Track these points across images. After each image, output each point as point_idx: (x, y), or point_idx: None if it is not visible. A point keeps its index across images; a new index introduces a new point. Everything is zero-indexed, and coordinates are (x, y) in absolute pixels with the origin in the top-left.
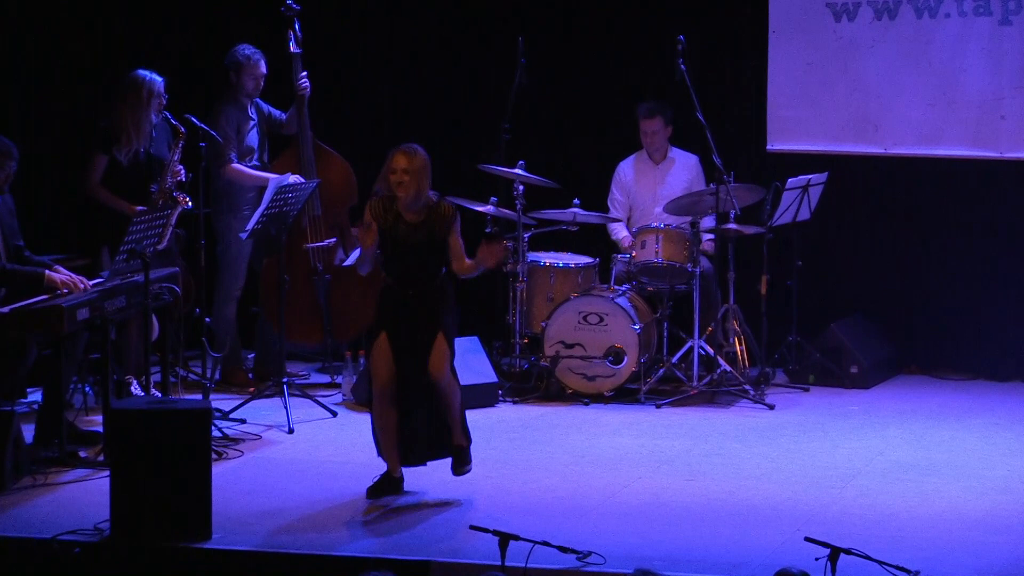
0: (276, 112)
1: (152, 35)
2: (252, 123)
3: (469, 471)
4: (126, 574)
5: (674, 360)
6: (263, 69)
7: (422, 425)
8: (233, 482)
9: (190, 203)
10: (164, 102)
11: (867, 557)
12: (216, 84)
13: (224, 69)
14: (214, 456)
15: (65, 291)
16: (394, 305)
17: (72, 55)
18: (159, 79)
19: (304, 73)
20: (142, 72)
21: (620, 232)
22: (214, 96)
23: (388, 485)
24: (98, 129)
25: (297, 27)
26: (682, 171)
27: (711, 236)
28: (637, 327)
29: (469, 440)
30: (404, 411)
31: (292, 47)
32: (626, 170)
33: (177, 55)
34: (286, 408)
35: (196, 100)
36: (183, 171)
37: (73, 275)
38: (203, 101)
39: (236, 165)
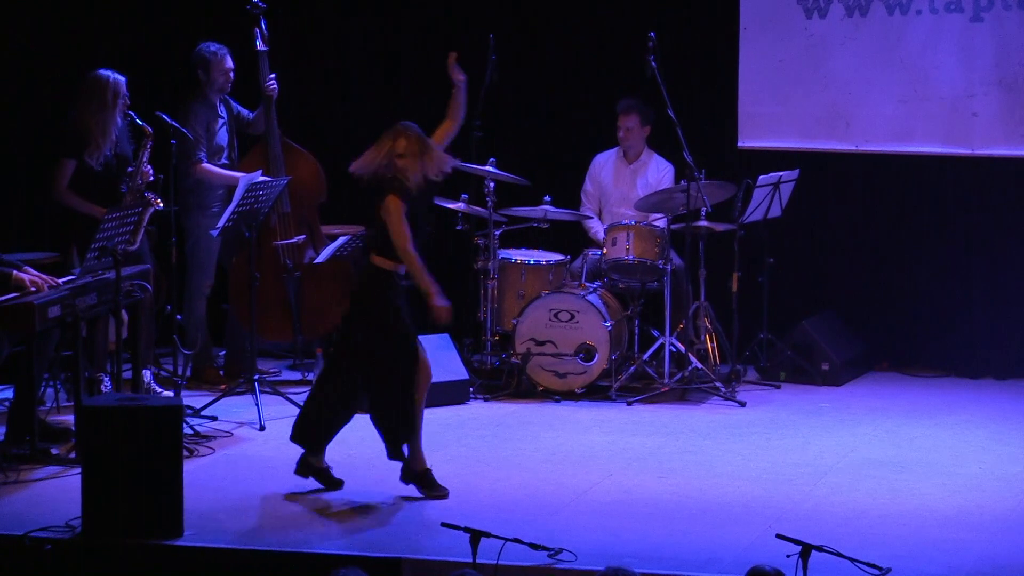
0: (244, 111)
1: (117, 33)
2: (222, 121)
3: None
4: (98, 571)
5: (645, 357)
6: (230, 63)
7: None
8: (204, 479)
9: (161, 204)
10: (128, 102)
11: (838, 554)
12: (182, 82)
13: (190, 67)
14: (185, 453)
15: (33, 290)
16: (401, 295)
17: (34, 54)
18: (122, 78)
19: (272, 75)
20: (104, 72)
21: (600, 234)
22: (180, 94)
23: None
24: (63, 132)
25: (264, 25)
26: (653, 175)
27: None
28: (608, 324)
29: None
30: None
31: (259, 45)
32: (601, 163)
33: (143, 53)
34: (257, 405)
35: (162, 98)
36: (151, 171)
37: (42, 275)
38: (169, 99)
39: (206, 164)
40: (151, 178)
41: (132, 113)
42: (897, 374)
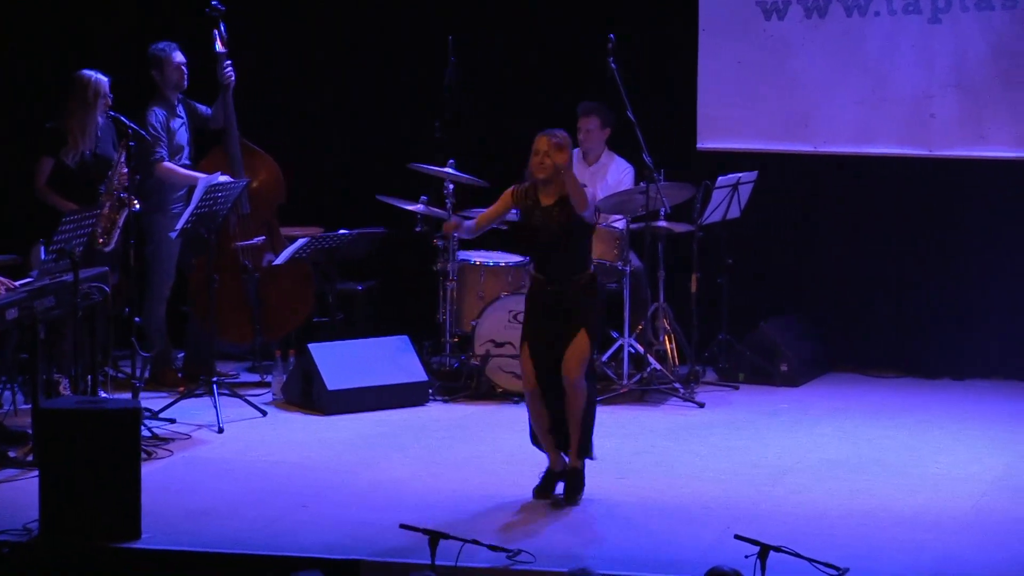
0: (202, 107)
1: (80, 36)
2: (181, 121)
3: (578, 501)
4: (55, 574)
5: (604, 358)
6: (180, 58)
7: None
8: (162, 482)
9: (138, 205)
10: (110, 102)
11: (797, 555)
12: (144, 85)
13: (147, 70)
14: (143, 456)
15: None
16: (538, 301)
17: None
18: (104, 79)
19: (228, 63)
20: (87, 72)
21: None
22: (143, 96)
23: (552, 480)
24: (44, 131)
25: (223, 27)
26: (613, 177)
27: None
28: None
29: (585, 458)
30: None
31: (218, 47)
32: None
33: (104, 56)
34: (216, 407)
35: (125, 100)
36: (127, 172)
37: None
38: (132, 101)
39: (167, 164)
40: (126, 180)
41: (113, 112)
42: (856, 375)
